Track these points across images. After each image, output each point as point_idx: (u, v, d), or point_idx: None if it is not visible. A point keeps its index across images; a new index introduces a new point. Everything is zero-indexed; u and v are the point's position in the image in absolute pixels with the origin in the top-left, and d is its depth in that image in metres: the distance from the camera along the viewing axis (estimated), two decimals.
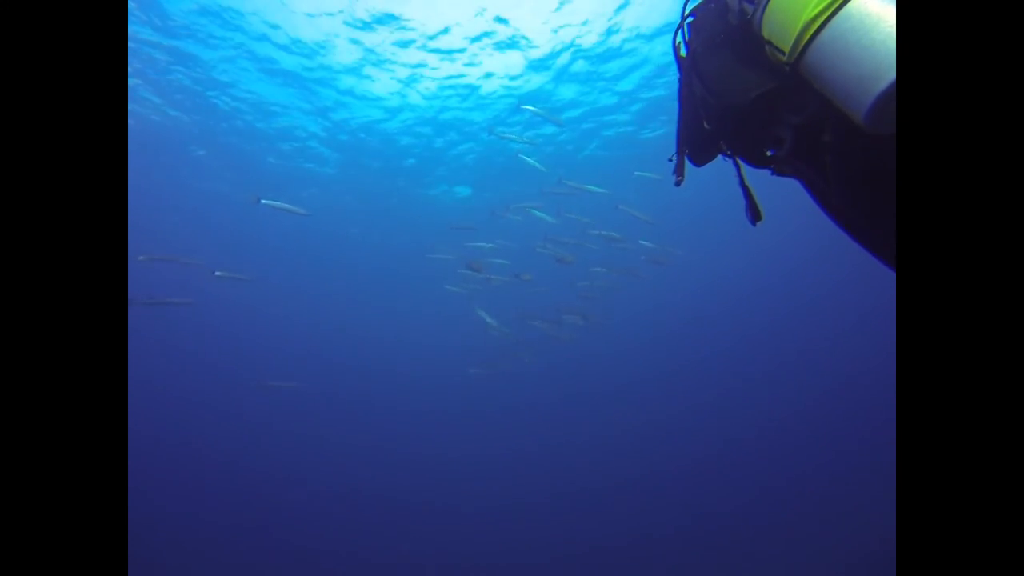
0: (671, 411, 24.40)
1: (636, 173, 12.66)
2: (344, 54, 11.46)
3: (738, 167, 1.86)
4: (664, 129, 15.04)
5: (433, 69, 12.07)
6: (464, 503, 18.66)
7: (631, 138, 15.64)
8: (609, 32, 11.19)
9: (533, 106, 11.56)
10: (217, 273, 8.55)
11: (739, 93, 1.57)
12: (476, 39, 11.15)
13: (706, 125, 1.78)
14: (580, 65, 12.31)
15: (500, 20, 10.59)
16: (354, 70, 12.05)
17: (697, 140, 1.91)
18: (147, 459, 18.02)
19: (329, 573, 15.00)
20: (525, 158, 11.59)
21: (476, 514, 17.74)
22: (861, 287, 22.14)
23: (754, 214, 1.89)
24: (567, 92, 13.33)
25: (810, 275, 25.90)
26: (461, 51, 11.49)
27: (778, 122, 1.56)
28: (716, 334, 28.48)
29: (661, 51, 11.72)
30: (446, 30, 10.87)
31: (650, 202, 14.03)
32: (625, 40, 11.45)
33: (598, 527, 15.85)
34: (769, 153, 1.69)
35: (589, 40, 11.41)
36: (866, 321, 21.74)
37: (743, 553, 13.03)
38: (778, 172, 1.73)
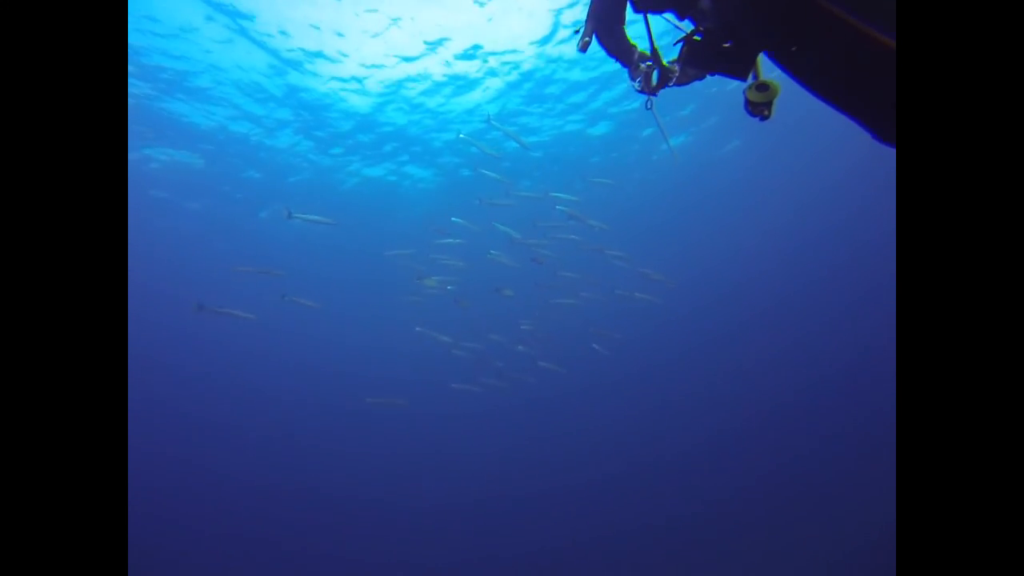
0: (658, 405, 24.23)
1: (592, 179, 12.72)
2: None
3: (648, 27, 1.80)
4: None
5: None
6: (460, 501, 18.50)
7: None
8: None
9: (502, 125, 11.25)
10: (286, 297, 8.77)
11: None
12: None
13: None
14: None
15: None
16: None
17: (606, 9, 1.88)
18: (148, 468, 17.47)
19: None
20: (486, 172, 10.90)
21: (469, 511, 17.64)
22: (854, 277, 22.12)
23: (663, 77, 1.84)
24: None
25: (800, 269, 25.62)
26: None
27: None
28: (703, 328, 28.09)
29: None
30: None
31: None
32: None
33: (592, 520, 15.86)
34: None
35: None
36: (861, 309, 21.59)
37: (743, 542, 13.00)
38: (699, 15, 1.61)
